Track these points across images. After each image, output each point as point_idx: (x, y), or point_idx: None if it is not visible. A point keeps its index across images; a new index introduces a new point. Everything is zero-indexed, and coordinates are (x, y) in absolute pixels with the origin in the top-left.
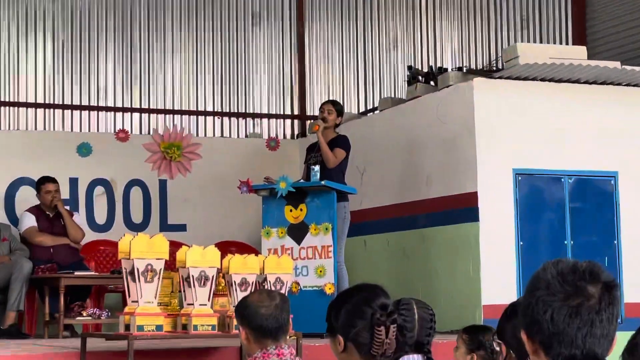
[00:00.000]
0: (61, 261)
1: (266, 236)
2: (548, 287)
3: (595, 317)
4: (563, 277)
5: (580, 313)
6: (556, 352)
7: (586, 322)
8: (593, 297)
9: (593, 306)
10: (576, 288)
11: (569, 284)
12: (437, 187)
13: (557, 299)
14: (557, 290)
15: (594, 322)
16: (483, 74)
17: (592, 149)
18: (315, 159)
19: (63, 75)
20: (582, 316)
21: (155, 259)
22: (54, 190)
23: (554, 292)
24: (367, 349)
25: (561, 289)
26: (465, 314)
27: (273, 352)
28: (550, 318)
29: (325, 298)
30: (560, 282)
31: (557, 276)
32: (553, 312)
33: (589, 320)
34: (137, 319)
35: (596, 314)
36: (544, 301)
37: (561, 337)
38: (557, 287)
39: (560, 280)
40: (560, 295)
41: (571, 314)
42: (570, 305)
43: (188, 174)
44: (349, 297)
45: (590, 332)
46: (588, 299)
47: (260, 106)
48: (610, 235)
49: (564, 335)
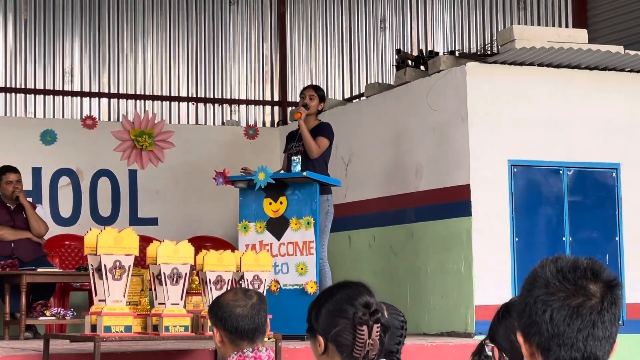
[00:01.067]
0: (23, 257)
1: (243, 231)
2: (547, 286)
3: (597, 317)
4: (563, 275)
5: (581, 313)
6: (555, 355)
7: (587, 323)
8: (594, 296)
9: (595, 306)
10: (577, 287)
11: (570, 282)
12: (426, 179)
13: (557, 298)
14: (556, 288)
15: (596, 323)
16: (477, 58)
17: (593, 139)
18: (296, 148)
19: (25, 57)
20: (583, 317)
21: (124, 255)
22: (16, 181)
23: (553, 291)
24: (349, 350)
25: (561, 288)
26: (456, 315)
27: (249, 355)
28: (550, 319)
29: (307, 297)
30: (560, 281)
31: (556, 274)
32: (552, 312)
33: (591, 321)
34: (104, 319)
35: (598, 314)
36: (543, 301)
37: (561, 339)
38: (556, 286)
39: (561, 278)
40: (561, 295)
41: (572, 314)
42: (570, 305)
43: (160, 163)
44: (331, 295)
45: (591, 333)
46: (589, 299)
47: (238, 91)
48: (611, 231)
49: (564, 337)
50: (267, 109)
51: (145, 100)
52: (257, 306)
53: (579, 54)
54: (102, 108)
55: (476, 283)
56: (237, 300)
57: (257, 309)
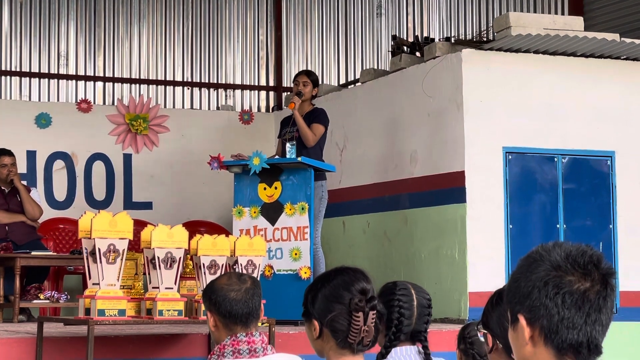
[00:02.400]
0: (17, 240)
1: (238, 216)
2: (558, 269)
3: (603, 303)
4: (573, 259)
5: (589, 298)
6: (563, 337)
7: (595, 307)
8: (599, 282)
9: (600, 291)
10: (587, 271)
11: (580, 267)
12: (421, 166)
13: (568, 281)
14: (569, 271)
15: (602, 308)
16: (473, 45)
17: (588, 126)
18: (290, 134)
19: (21, 40)
20: (592, 301)
21: (119, 239)
22: (10, 164)
23: (564, 274)
24: (344, 335)
25: (573, 271)
26: (450, 301)
27: (243, 340)
28: (562, 301)
29: (301, 283)
30: (571, 264)
31: (566, 258)
32: (565, 295)
33: (598, 306)
34: (98, 302)
35: (603, 299)
36: (555, 284)
37: (570, 322)
38: (569, 269)
39: (572, 261)
40: (573, 278)
41: (582, 298)
42: (580, 289)
43: (155, 148)
44: (328, 280)
45: (598, 318)
46: (596, 284)
47: (233, 76)
48: (605, 219)
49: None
50: (262, 94)
51: (141, 84)
52: (251, 290)
53: (575, 41)
54: (97, 92)
55: (470, 270)
56: (231, 285)
57: (251, 294)
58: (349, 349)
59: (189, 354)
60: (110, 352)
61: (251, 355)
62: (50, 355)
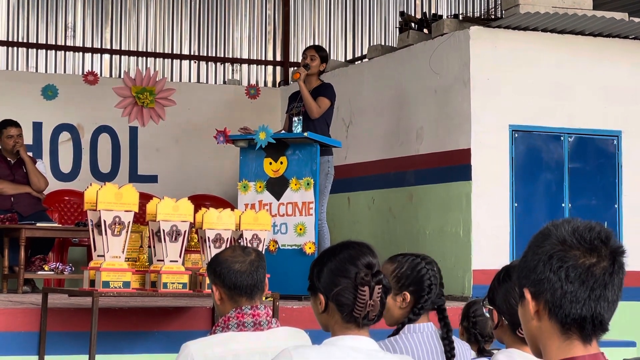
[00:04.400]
0: (22, 211)
1: (243, 190)
2: (563, 243)
3: (609, 279)
4: (580, 234)
5: (594, 273)
6: (566, 311)
7: (600, 283)
8: (606, 258)
9: (607, 268)
10: (593, 246)
11: (586, 242)
12: (427, 143)
13: (573, 255)
14: (574, 246)
15: (607, 284)
16: (480, 22)
17: (595, 106)
18: (297, 109)
19: (28, 12)
20: (597, 276)
21: (124, 211)
22: (16, 135)
23: (569, 248)
24: (350, 309)
25: (578, 246)
26: (454, 278)
27: (248, 312)
28: (565, 275)
29: (305, 258)
30: (578, 239)
31: (572, 233)
32: (568, 269)
33: (603, 282)
34: (102, 274)
35: (610, 276)
36: (559, 257)
37: (574, 296)
38: (574, 244)
39: (578, 236)
40: (576, 252)
41: (587, 272)
42: (585, 264)
43: (161, 121)
44: (334, 254)
45: (603, 294)
46: (603, 260)
47: (240, 51)
48: (610, 198)
49: (577, 294)
50: (269, 69)
51: (147, 57)
52: (256, 263)
53: (584, 20)
54: (104, 64)
55: (474, 247)
56: (236, 257)
57: (256, 266)
58: (354, 323)
59: (193, 327)
60: (115, 324)
61: (256, 328)
62: (54, 326)
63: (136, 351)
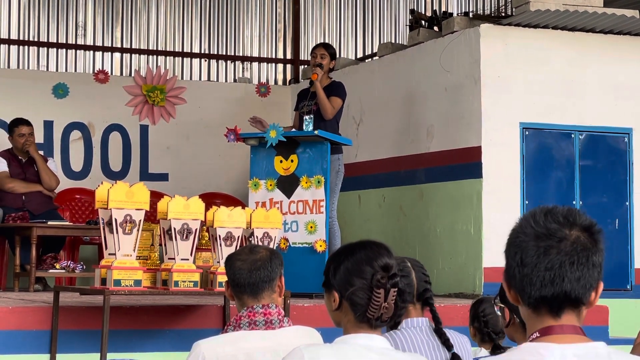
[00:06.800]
0: (33, 210)
1: (254, 188)
2: (520, 231)
3: (566, 259)
4: (535, 220)
5: (549, 254)
6: (527, 294)
7: (555, 262)
8: (566, 239)
9: (564, 248)
10: (547, 230)
11: (540, 226)
12: (438, 140)
13: (527, 239)
14: (528, 232)
15: (563, 264)
16: (491, 19)
17: (606, 103)
18: (308, 107)
19: (39, 11)
20: (551, 257)
21: (135, 210)
22: (28, 134)
23: (525, 233)
24: (363, 310)
25: (531, 231)
26: (465, 276)
27: (259, 311)
28: (520, 261)
29: (316, 256)
30: (531, 225)
31: (529, 219)
32: (522, 254)
33: (558, 262)
34: (114, 272)
35: (566, 255)
36: (515, 244)
37: (529, 278)
38: (528, 229)
39: (532, 222)
40: (531, 236)
41: (539, 254)
42: (539, 246)
43: (171, 119)
44: (351, 253)
45: (559, 274)
46: (560, 241)
47: (251, 49)
48: (622, 196)
49: (532, 276)
50: (280, 67)
51: (158, 55)
52: (259, 262)
53: (594, 17)
54: (115, 63)
55: (485, 245)
56: (240, 255)
57: (259, 265)
58: (367, 323)
59: (204, 325)
60: (126, 322)
61: (267, 326)
62: (65, 324)
63: (147, 349)
